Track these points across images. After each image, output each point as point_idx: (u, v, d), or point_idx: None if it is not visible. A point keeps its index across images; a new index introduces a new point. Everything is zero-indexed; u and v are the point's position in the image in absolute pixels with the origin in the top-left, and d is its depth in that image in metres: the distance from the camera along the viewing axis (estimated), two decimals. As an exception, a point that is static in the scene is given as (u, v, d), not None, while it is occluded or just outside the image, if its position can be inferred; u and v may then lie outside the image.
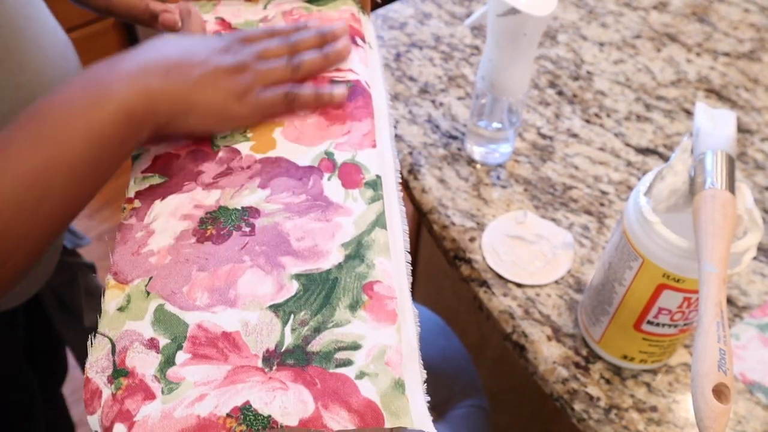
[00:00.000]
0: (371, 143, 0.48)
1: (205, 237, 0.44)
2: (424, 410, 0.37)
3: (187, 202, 0.46)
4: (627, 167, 0.76)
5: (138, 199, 0.46)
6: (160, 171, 0.48)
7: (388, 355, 0.37)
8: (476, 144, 0.74)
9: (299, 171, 0.47)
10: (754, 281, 0.67)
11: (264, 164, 0.48)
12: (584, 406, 0.58)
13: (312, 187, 0.46)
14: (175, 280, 0.41)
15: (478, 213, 0.71)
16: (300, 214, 0.44)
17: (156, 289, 0.41)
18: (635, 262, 0.51)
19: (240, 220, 0.44)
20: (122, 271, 0.42)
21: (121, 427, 0.35)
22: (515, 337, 0.63)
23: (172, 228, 0.44)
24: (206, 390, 0.36)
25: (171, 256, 0.42)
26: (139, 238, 0.44)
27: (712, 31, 0.93)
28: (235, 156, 0.48)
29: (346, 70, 0.53)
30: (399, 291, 0.41)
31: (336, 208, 0.44)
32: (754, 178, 0.76)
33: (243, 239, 0.43)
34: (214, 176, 0.47)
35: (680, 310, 0.52)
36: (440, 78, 0.84)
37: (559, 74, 0.86)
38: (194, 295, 0.40)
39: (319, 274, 0.41)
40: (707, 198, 0.46)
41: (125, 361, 0.38)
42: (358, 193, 0.45)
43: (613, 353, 0.59)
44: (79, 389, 1.46)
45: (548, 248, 0.68)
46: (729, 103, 0.84)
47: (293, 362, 0.37)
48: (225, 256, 0.42)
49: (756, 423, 0.57)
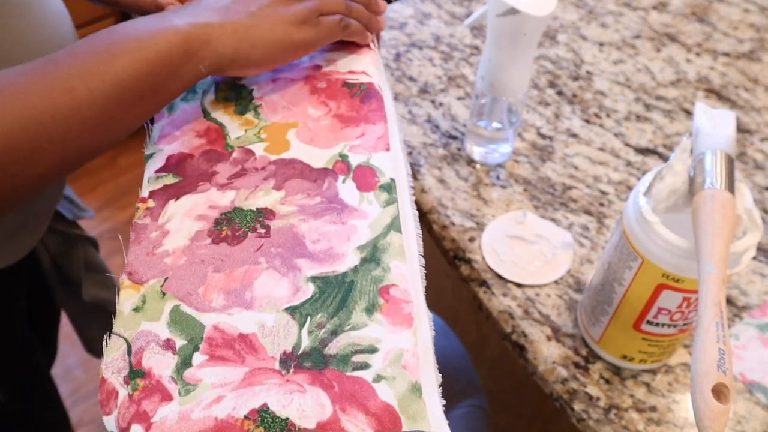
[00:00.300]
0: (385, 146, 0.48)
1: (221, 238, 0.43)
2: (440, 414, 0.37)
3: (201, 202, 0.46)
4: (626, 167, 0.76)
5: (152, 199, 0.46)
6: (174, 171, 0.48)
7: (404, 358, 0.37)
8: (476, 144, 0.74)
9: (314, 173, 0.47)
10: (753, 281, 0.67)
11: (278, 165, 0.47)
12: (584, 406, 0.58)
13: (327, 189, 0.46)
14: (191, 281, 0.41)
15: (477, 213, 0.71)
16: (315, 216, 0.44)
17: (172, 290, 0.41)
18: (635, 262, 0.51)
19: (255, 221, 0.44)
20: (137, 271, 0.42)
21: (139, 428, 0.35)
22: (515, 337, 0.63)
23: (186, 228, 0.44)
24: (223, 392, 0.36)
25: (186, 257, 0.42)
26: (153, 238, 0.44)
27: (712, 31, 0.93)
28: (250, 157, 0.48)
29: (359, 72, 0.53)
30: (414, 294, 0.41)
31: (351, 210, 0.44)
32: (754, 178, 0.76)
33: (258, 241, 0.43)
34: (228, 177, 0.47)
35: (680, 310, 0.52)
36: (440, 78, 0.84)
37: (558, 74, 0.86)
38: (210, 297, 0.40)
39: (335, 277, 0.41)
40: (707, 198, 0.46)
41: (141, 361, 0.38)
42: (373, 196, 0.45)
43: (612, 353, 0.59)
44: (79, 389, 1.46)
45: (548, 248, 0.68)
46: (728, 103, 0.84)
47: (310, 365, 0.37)
48: (240, 257, 0.42)
49: (755, 423, 0.58)
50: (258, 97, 0.52)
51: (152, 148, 0.50)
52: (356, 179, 0.46)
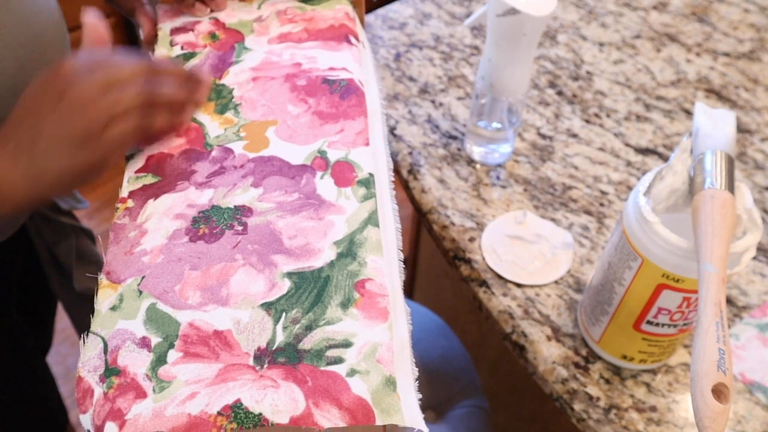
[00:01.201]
0: (364, 141, 0.48)
1: (198, 236, 0.44)
2: (415, 407, 0.37)
3: (180, 201, 0.46)
4: (626, 167, 0.76)
5: (131, 199, 0.46)
6: (154, 171, 0.48)
7: (379, 352, 0.37)
8: (476, 144, 0.74)
9: (292, 169, 0.47)
10: (753, 281, 0.67)
11: (257, 163, 0.48)
12: (584, 406, 0.58)
13: (305, 185, 0.46)
14: (168, 279, 0.41)
15: (477, 213, 0.71)
16: (292, 212, 0.44)
17: (148, 288, 0.41)
18: (635, 262, 0.51)
19: (232, 218, 0.44)
20: (115, 270, 0.42)
21: (113, 425, 0.35)
22: (515, 337, 0.63)
23: (165, 227, 0.44)
24: (197, 388, 0.36)
25: (164, 255, 0.43)
26: (132, 237, 0.44)
27: (712, 31, 0.93)
28: (228, 155, 0.48)
29: (339, 68, 0.53)
30: (391, 288, 0.41)
31: (328, 206, 0.45)
32: (754, 178, 0.76)
33: (235, 238, 0.43)
34: (207, 175, 0.47)
35: (680, 310, 0.52)
36: (440, 78, 0.84)
37: (558, 74, 0.86)
38: (186, 294, 0.41)
39: (311, 272, 0.41)
40: (707, 198, 0.46)
41: (117, 360, 0.38)
42: (350, 191, 0.45)
43: (612, 353, 0.59)
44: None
45: (548, 248, 0.68)
46: (728, 103, 0.84)
47: (284, 360, 0.37)
48: (217, 254, 0.42)
49: (755, 423, 0.58)
50: (238, 95, 0.53)
51: (132, 149, 0.50)
52: (334, 175, 0.46)
